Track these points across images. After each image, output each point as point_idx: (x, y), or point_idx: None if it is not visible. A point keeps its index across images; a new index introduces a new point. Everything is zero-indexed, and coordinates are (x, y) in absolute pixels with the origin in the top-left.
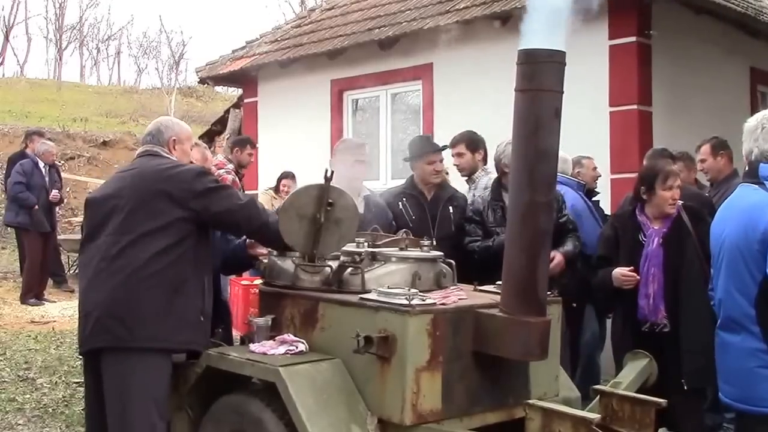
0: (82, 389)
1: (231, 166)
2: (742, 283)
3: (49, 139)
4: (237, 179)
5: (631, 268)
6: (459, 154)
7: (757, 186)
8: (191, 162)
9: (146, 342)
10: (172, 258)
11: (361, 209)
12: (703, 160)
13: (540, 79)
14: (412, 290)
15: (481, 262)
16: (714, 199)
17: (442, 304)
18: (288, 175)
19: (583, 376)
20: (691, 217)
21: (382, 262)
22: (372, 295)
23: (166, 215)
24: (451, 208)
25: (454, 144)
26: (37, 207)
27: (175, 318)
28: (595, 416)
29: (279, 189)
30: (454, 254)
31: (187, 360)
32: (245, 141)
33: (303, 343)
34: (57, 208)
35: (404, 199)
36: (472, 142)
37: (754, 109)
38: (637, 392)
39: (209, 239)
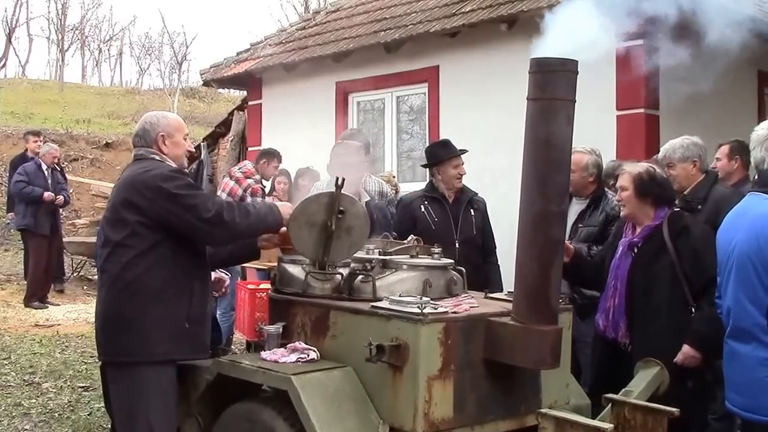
0: (87, 394)
1: (259, 177)
2: (753, 292)
3: (52, 140)
4: (264, 189)
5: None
6: None
7: (767, 195)
8: (187, 152)
9: (124, 356)
10: (144, 266)
11: None
12: (717, 159)
13: (552, 88)
14: (424, 298)
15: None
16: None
17: (454, 312)
18: (282, 172)
19: None
20: (673, 229)
21: (393, 270)
22: (384, 303)
23: (132, 223)
24: (472, 210)
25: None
26: (47, 196)
27: (151, 329)
28: (608, 426)
29: (274, 187)
30: (476, 257)
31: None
32: (274, 154)
33: (314, 350)
34: (60, 210)
35: (426, 202)
36: None
37: (761, 113)
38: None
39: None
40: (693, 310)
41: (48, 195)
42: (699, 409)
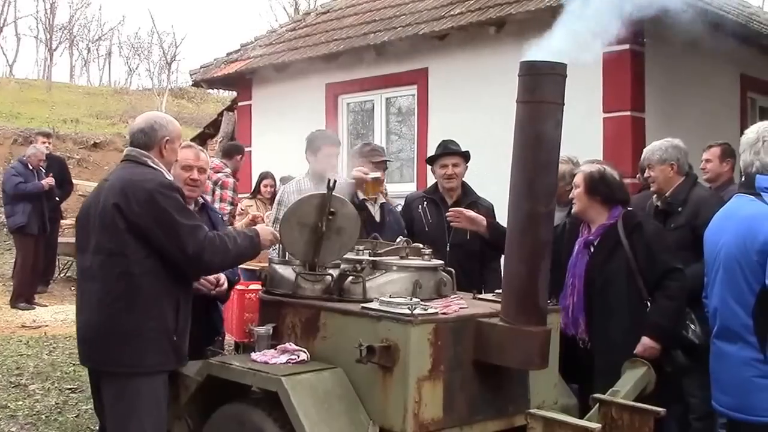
0: (75, 395)
1: (229, 170)
2: (739, 292)
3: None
4: (236, 182)
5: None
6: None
7: (753, 197)
8: (176, 160)
9: (119, 367)
10: (138, 277)
11: (377, 217)
12: (708, 161)
13: (541, 91)
14: (414, 299)
15: None
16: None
17: (444, 313)
18: (268, 175)
19: None
20: (627, 227)
21: (383, 271)
22: (374, 305)
23: (123, 232)
24: None
25: (338, 142)
26: (45, 184)
27: (144, 341)
28: (596, 425)
29: (260, 190)
30: (467, 262)
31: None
32: (242, 148)
33: (304, 352)
34: (61, 210)
35: (425, 202)
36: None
37: (744, 115)
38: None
39: None
40: (649, 303)
41: (46, 182)
42: (668, 401)
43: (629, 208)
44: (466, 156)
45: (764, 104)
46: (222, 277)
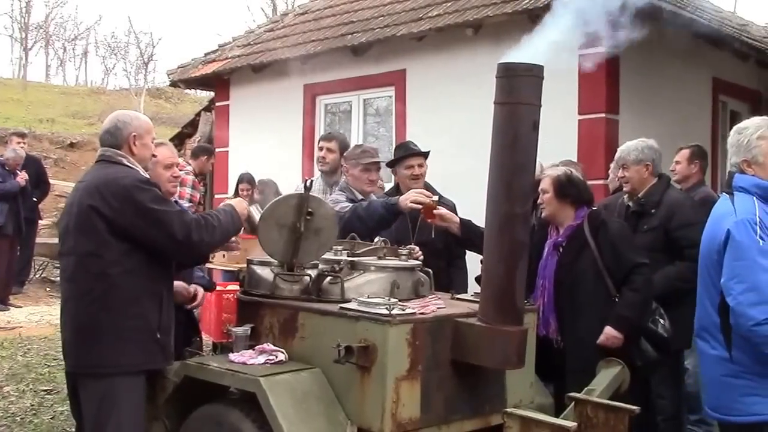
0: (50, 397)
1: (190, 169)
2: (708, 291)
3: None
4: (197, 181)
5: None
6: (330, 150)
7: (728, 196)
8: (153, 156)
9: (97, 368)
10: (116, 277)
11: None
12: (678, 162)
13: (518, 92)
14: (392, 300)
15: None
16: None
17: (422, 313)
18: (245, 179)
19: None
20: (592, 226)
21: (361, 271)
22: (352, 305)
23: (101, 233)
24: None
25: (330, 138)
26: (20, 179)
27: (125, 341)
28: (572, 424)
29: (238, 194)
30: (435, 261)
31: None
32: (212, 151)
33: (282, 352)
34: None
35: None
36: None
37: (715, 118)
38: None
39: None
40: (617, 300)
41: (21, 177)
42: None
43: (594, 208)
44: (426, 156)
45: (735, 108)
46: (200, 292)
